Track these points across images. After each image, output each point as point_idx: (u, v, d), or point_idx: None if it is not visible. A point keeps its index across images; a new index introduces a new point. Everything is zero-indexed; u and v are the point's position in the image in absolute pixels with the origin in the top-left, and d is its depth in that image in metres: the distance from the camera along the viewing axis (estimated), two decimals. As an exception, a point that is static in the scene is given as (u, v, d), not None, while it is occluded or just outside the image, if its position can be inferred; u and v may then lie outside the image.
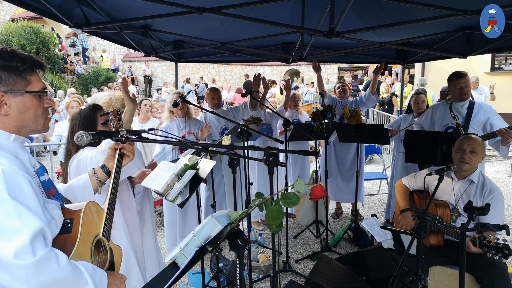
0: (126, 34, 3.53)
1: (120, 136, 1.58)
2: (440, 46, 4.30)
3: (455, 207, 2.70)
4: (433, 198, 2.32)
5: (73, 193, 1.76)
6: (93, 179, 1.76)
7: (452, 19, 3.58)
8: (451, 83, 3.70)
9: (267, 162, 1.78)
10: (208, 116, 4.46)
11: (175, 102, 3.31)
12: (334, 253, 4.25)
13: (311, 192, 1.41)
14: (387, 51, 5.24)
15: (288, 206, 1.37)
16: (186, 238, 1.51)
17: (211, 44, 4.31)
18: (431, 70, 10.88)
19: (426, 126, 3.95)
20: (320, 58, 5.16)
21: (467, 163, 2.65)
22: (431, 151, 3.30)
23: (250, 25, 3.98)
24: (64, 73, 18.74)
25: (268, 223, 1.41)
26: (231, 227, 1.51)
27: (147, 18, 2.89)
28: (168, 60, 5.38)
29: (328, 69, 20.41)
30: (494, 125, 3.51)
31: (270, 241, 4.76)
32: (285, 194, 1.38)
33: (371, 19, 3.25)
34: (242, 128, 3.12)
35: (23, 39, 16.60)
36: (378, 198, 6.41)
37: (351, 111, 4.38)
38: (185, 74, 19.77)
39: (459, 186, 2.73)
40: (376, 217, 4.21)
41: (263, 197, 1.47)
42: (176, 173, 2.73)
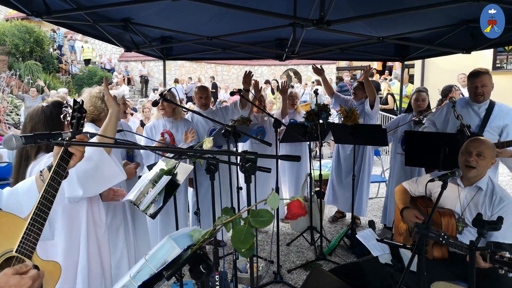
0: (101, 27, 3.25)
1: (61, 139, 1.31)
2: (443, 41, 4.03)
3: (461, 217, 2.43)
4: (436, 207, 2.05)
5: (16, 198, 1.48)
6: (39, 182, 1.48)
7: (454, 11, 3.34)
8: (468, 81, 3.40)
9: (243, 169, 1.52)
10: (196, 116, 4.19)
11: (155, 101, 3.05)
12: (329, 262, 3.99)
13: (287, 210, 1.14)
14: (385, 47, 4.97)
15: (258, 227, 1.10)
16: (138, 263, 1.24)
17: (197, 38, 4.04)
18: (431, 69, 10.62)
19: (439, 124, 3.63)
20: (314, 55, 4.89)
21: (473, 168, 2.37)
22: (433, 154, 3.03)
23: (241, 19, 3.72)
24: (59, 73, 18.45)
25: (235, 247, 1.14)
26: (192, 250, 1.24)
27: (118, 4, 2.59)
28: (155, 57, 5.11)
29: (326, 69, 20.13)
30: (509, 134, 3.18)
31: (261, 248, 4.53)
32: (255, 211, 1.11)
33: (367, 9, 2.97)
34: (226, 129, 2.85)
35: (16, 38, 16.31)
36: (377, 201, 6.15)
37: (347, 111, 4.11)
38: (181, 74, 19.51)
39: (466, 193, 2.46)
40: (373, 225, 3.95)
41: (231, 214, 1.20)
42: (150, 179, 2.47)
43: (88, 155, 1.73)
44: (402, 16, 3.40)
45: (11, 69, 14.93)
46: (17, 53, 16.48)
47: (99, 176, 1.82)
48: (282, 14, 2.68)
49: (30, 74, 15.07)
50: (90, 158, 1.76)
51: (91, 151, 1.76)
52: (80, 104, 1.59)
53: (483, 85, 3.24)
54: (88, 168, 1.76)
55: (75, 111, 1.55)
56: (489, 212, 2.33)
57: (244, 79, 4.19)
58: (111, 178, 1.90)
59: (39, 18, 2.43)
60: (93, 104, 2.76)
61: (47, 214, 1.26)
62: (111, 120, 2.04)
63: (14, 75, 14.04)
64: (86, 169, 1.75)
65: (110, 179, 1.91)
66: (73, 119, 1.53)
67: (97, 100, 2.78)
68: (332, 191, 4.93)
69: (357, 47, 4.80)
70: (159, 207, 2.29)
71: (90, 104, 2.75)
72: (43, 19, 2.46)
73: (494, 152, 2.39)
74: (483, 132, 3.15)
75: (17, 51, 16.42)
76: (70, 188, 1.78)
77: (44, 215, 1.25)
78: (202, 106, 4.12)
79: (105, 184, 1.93)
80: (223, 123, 2.76)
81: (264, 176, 4.51)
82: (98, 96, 2.81)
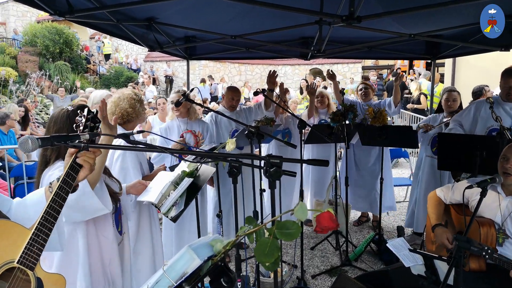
0: (125, 26, 3.23)
1: (79, 141, 1.25)
2: (478, 38, 3.81)
3: (501, 228, 2.25)
4: (474, 217, 1.90)
5: (24, 209, 1.44)
6: (47, 194, 1.43)
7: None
8: (501, 80, 3.24)
9: (267, 174, 1.43)
10: (219, 117, 4.13)
11: (178, 101, 2.99)
12: (355, 268, 3.85)
13: (315, 222, 1.04)
14: (415, 45, 4.76)
15: (284, 239, 1.01)
16: (156, 274, 1.17)
17: (221, 37, 3.97)
18: (462, 67, 10.19)
19: (466, 125, 3.44)
20: (341, 53, 4.74)
21: (511, 175, 2.20)
22: (468, 158, 2.84)
23: (264, 17, 3.63)
24: (87, 73, 18.89)
25: (259, 260, 1.05)
26: (213, 262, 1.16)
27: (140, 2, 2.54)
28: (179, 56, 5.08)
29: (352, 68, 19.79)
30: None
31: (285, 252, 4.42)
32: (281, 223, 1.01)
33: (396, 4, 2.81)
34: (250, 130, 2.77)
35: (47, 39, 16.82)
36: (405, 206, 5.92)
37: (375, 111, 3.95)
38: (205, 74, 19.58)
39: (507, 203, 2.28)
40: (402, 230, 3.78)
41: (255, 223, 1.11)
42: (172, 181, 2.41)
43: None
44: (435, 12, 3.23)
45: (42, 70, 15.38)
46: (48, 54, 16.99)
47: (79, 208, 1.71)
48: (309, 10, 2.57)
49: (59, 74, 15.48)
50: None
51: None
52: (94, 114, 1.53)
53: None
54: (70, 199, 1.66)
55: (88, 120, 1.49)
56: (533, 223, 2.15)
57: (269, 78, 4.09)
58: (92, 212, 1.77)
59: (62, 18, 2.41)
60: (132, 106, 2.71)
61: (52, 225, 1.20)
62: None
63: (44, 75, 14.45)
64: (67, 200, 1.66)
65: (92, 212, 1.78)
66: (86, 128, 1.46)
67: (136, 103, 2.73)
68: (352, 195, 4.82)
69: (385, 45, 4.63)
70: (181, 210, 2.23)
71: (129, 105, 2.69)
72: (66, 18, 2.44)
73: None
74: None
75: (47, 52, 16.92)
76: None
77: (49, 226, 1.20)
78: (230, 108, 4.04)
79: (87, 216, 1.80)
80: (246, 124, 2.67)
81: (287, 178, 4.41)
82: (137, 99, 2.76)
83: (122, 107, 2.67)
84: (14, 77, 13.37)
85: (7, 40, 18.26)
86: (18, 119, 7.15)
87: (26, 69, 14.92)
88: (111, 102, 2.77)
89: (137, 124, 2.82)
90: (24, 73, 14.57)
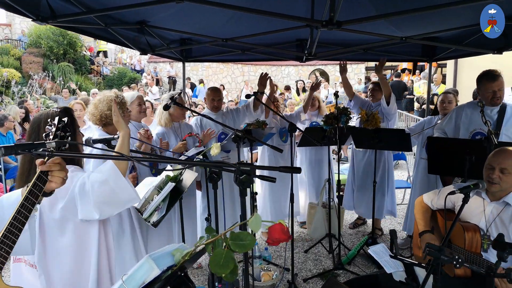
0: (115, 30, 3.23)
1: (43, 150, 1.25)
2: (472, 41, 3.77)
3: (486, 233, 2.22)
4: (456, 222, 1.88)
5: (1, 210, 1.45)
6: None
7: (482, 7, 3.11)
8: (481, 85, 3.19)
9: (237, 182, 1.42)
10: (204, 120, 3.98)
11: (166, 105, 2.99)
12: (348, 272, 3.82)
13: (267, 234, 1.04)
14: (411, 47, 4.73)
15: (238, 251, 1.00)
16: (116, 284, 1.17)
17: (213, 40, 3.96)
18: (464, 68, 10.11)
19: (449, 132, 3.42)
20: (336, 55, 4.71)
21: (496, 184, 2.18)
22: (458, 162, 2.82)
23: (260, 20, 3.60)
24: (91, 74, 18.99)
25: (214, 272, 1.04)
26: (173, 271, 1.15)
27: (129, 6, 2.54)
28: (174, 59, 5.09)
29: (355, 69, 19.73)
30: None
31: (278, 254, 4.41)
32: (234, 234, 1.01)
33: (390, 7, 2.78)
34: (237, 134, 2.76)
35: (51, 41, 16.94)
36: (403, 208, 5.88)
37: (367, 114, 3.93)
38: (208, 75, 19.62)
39: (492, 208, 2.25)
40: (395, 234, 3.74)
41: (213, 234, 1.10)
42: (156, 186, 2.42)
43: (104, 179, 1.65)
44: (428, 14, 3.20)
45: (45, 71, 15.49)
46: (52, 55, 17.09)
47: (116, 201, 1.73)
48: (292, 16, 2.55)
49: (62, 76, 15.57)
50: (106, 182, 1.66)
51: (107, 174, 1.66)
52: (65, 123, 1.52)
53: (500, 88, 3.08)
54: (105, 192, 1.65)
55: (59, 129, 1.48)
56: (518, 230, 2.13)
57: (260, 81, 4.07)
58: (127, 203, 1.80)
59: (44, 23, 2.41)
60: (110, 108, 2.70)
61: (20, 230, 1.20)
62: (124, 143, 1.87)
63: (47, 76, 14.54)
64: (103, 193, 1.65)
65: (126, 203, 1.81)
66: (55, 138, 1.46)
67: (102, 103, 2.73)
68: (350, 196, 4.76)
69: (381, 47, 4.60)
70: (162, 215, 2.23)
71: (107, 107, 2.71)
72: (48, 23, 2.44)
73: None
74: (499, 137, 2.94)
75: (51, 53, 17.03)
76: (85, 210, 1.66)
77: (13, 237, 1.20)
78: (214, 109, 3.97)
79: (120, 208, 1.82)
80: (233, 127, 2.66)
81: (280, 182, 4.40)
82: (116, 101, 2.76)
83: (101, 109, 2.67)
84: (17, 78, 13.47)
85: (12, 42, 18.41)
86: (19, 121, 7.20)
87: (30, 70, 15.04)
88: (92, 103, 2.78)
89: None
90: (28, 75, 14.69)
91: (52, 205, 1.65)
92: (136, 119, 3.22)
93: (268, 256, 4.01)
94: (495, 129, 2.98)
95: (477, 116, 3.13)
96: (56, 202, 1.65)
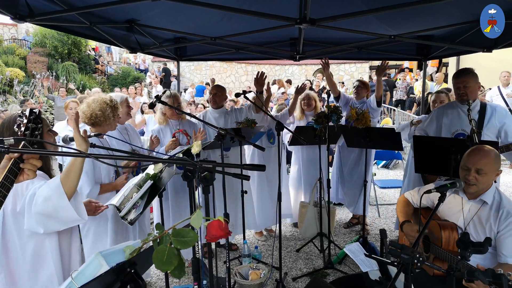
0: (101, 28, 3.23)
1: (1, 146, 1.27)
2: (463, 39, 3.74)
3: (464, 232, 2.21)
4: (429, 221, 1.86)
5: None
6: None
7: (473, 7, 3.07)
8: (452, 82, 3.22)
9: (199, 179, 1.43)
10: (207, 116, 4.16)
11: (151, 103, 3.00)
12: (338, 271, 3.81)
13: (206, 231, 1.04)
14: (406, 46, 4.70)
15: (181, 247, 1.01)
16: (65, 282, 1.18)
17: (201, 39, 3.96)
18: (466, 65, 10.00)
19: (431, 133, 3.41)
20: (329, 54, 4.69)
21: (472, 185, 2.16)
22: (443, 161, 2.80)
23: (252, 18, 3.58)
24: (95, 74, 19.12)
25: (158, 268, 1.05)
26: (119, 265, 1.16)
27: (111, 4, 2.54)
28: (168, 58, 5.11)
29: (359, 68, 19.66)
30: (509, 133, 2.98)
31: (269, 254, 4.41)
32: (176, 231, 1.01)
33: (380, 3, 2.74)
34: (220, 132, 2.77)
35: (55, 40, 17.09)
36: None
37: (357, 113, 3.91)
38: (212, 74, 19.64)
39: (470, 206, 2.23)
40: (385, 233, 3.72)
41: (161, 231, 1.11)
42: (135, 183, 2.43)
43: (49, 195, 1.63)
44: (418, 12, 3.17)
45: (49, 70, 15.63)
46: (56, 55, 17.24)
47: (59, 218, 1.69)
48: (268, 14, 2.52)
49: (66, 75, 15.70)
50: (50, 198, 1.63)
51: (51, 192, 1.63)
52: (37, 115, 1.54)
53: (465, 85, 3.08)
54: (48, 208, 1.63)
55: (30, 121, 1.51)
56: (495, 228, 2.10)
57: (256, 80, 4.06)
58: (70, 222, 1.75)
59: (22, 21, 2.43)
60: (102, 109, 2.75)
61: None
62: (74, 164, 1.72)
63: (51, 75, 14.67)
64: (46, 209, 1.63)
65: (69, 223, 1.76)
66: (27, 130, 1.49)
67: (107, 107, 2.77)
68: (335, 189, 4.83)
69: (374, 46, 4.58)
70: (139, 213, 2.24)
71: (99, 108, 2.74)
72: (26, 21, 2.45)
73: (497, 164, 2.15)
74: (480, 136, 2.92)
75: (56, 52, 17.18)
76: (29, 221, 1.65)
77: None
78: (213, 104, 4.07)
79: (65, 225, 1.76)
80: (217, 126, 2.66)
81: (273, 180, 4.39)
82: (110, 104, 2.80)
83: (92, 108, 2.71)
84: (21, 77, 13.61)
85: (18, 42, 18.60)
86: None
87: (34, 70, 15.19)
88: (86, 102, 2.82)
89: (107, 129, 2.83)
90: (33, 74, 14.84)
91: (13, 205, 1.67)
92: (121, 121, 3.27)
93: (258, 255, 4.01)
94: (477, 129, 2.95)
95: (457, 116, 3.13)
96: (16, 204, 1.67)
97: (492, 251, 2.11)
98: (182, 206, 3.72)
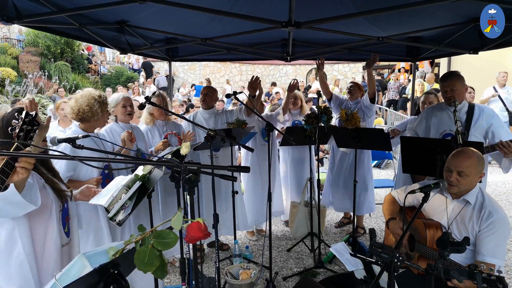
0: (90, 29, 3.23)
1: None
2: (451, 41, 3.79)
3: (447, 231, 2.25)
4: (413, 221, 1.90)
5: None
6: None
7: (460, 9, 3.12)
8: (440, 85, 3.26)
9: (184, 180, 1.45)
10: (198, 116, 4.17)
11: (141, 104, 3.02)
12: (328, 270, 3.85)
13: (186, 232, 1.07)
14: (396, 47, 4.74)
15: (162, 249, 1.03)
16: (49, 283, 1.19)
17: (191, 40, 3.98)
18: (458, 67, 10.09)
19: (420, 133, 3.46)
20: (319, 55, 4.72)
21: (454, 186, 2.20)
22: (429, 161, 2.84)
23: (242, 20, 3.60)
24: (89, 73, 19.03)
25: (140, 270, 1.07)
26: (102, 265, 1.18)
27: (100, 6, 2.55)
28: (160, 58, 5.12)
29: (353, 68, 19.74)
30: (495, 134, 3.02)
31: (260, 253, 4.43)
32: (157, 232, 1.04)
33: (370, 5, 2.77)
34: (209, 133, 2.79)
35: (48, 40, 16.96)
36: (389, 207, 5.91)
37: (347, 114, 3.95)
38: (206, 74, 19.64)
39: (453, 206, 2.28)
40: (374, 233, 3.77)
41: (143, 232, 1.13)
42: (124, 184, 2.44)
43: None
44: (407, 14, 3.21)
45: (42, 70, 15.53)
46: (49, 54, 17.13)
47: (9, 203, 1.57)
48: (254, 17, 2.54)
49: (59, 74, 15.61)
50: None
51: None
52: (32, 117, 1.55)
53: (452, 89, 3.11)
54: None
55: (25, 123, 1.52)
56: (477, 227, 2.15)
57: (250, 84, 4.07)
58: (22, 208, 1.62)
59: (10, 23, 2.43)
60: (89, 104, 2.76)
61: None
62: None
63: (43, 75, 14.58)
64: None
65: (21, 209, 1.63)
66: (21, 131, 1.50)
67: (95, 103, 2.77)
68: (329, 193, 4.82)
69: (364, 47, 4.61)
70: (128, 214, 2.25)
71: (86, 103, 2.75)
72: (14, 23, 2.45)
73: (480, 166, 2.19)
74: (468, 137, 2.97)
75: (49, 52, 17.06)
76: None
77: None
78: (203, 103, 4.10)
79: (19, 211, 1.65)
80: (206, 128, 2.68)
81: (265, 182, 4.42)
82: (98, 100, 2.81)
83: (80, 103, 2.73)
84: (13, 77, 13.51)
85: (10, 41, 18.46)
86: (10, 120, 7.22)
87: (27, 69, 15.08)
88: (73, 98, 2.83)
89: (96, 125, 2.84)
90: (25, 74, 14.73)
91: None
92: (123, 120, 3.29)
93: (249, 255, 4.04)
94: (464, 129, 3.00)
95: (446, 117, 3.18)
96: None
97: (473, 248, 2.15)
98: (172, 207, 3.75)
